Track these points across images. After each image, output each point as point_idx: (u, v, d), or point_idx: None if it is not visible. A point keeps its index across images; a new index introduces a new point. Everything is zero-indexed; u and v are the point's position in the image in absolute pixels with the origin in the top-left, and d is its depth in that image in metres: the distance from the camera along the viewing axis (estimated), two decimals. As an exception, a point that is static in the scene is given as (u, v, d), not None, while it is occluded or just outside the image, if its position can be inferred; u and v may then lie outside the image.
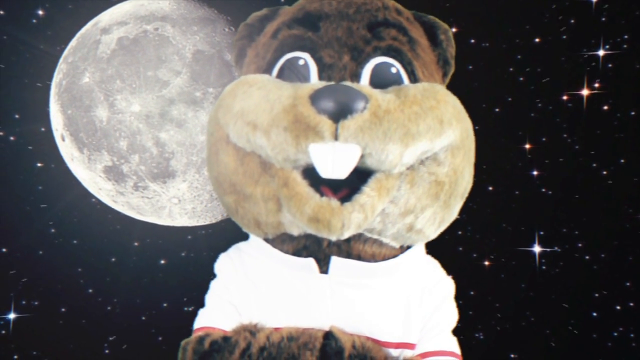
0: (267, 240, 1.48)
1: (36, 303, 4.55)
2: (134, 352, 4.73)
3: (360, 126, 1.23)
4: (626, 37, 4.40)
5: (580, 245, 4.64)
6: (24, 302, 4.49)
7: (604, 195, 4.58)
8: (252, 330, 1.33)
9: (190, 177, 3.89)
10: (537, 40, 4.57)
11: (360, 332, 1.35)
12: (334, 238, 1.30)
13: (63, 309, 4.63)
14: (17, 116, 4.31)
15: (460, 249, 4.74)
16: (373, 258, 1.43)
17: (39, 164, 4.41)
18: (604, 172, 4.57)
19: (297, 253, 1.43)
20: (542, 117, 4.61)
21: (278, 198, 1.34)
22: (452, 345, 1.49)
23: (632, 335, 4.56)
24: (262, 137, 1.29)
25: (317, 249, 1.41)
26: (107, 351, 4.68)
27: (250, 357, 1.27)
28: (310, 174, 1.30)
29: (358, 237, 1.40)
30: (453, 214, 1.48)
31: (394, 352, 1.40)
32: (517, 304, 4.78)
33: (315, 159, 1.26)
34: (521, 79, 4.63)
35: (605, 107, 4.49)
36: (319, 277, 1.39)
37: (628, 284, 4.55)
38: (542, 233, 4.59)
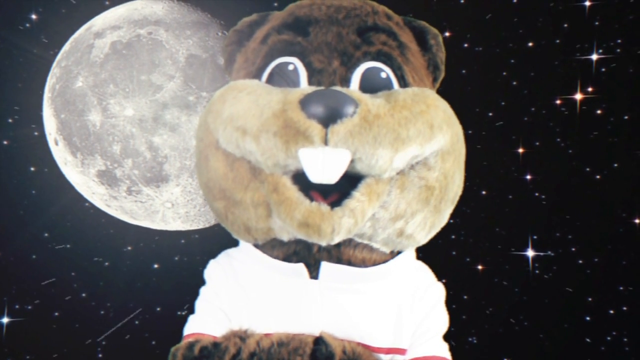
0: (257, 246, 1.48)
1: (29, 307, 4.56)
2: (127, 357, 4.73)
3: (350, 131, 1.23)
4: (619, 41, 4.41)
5: (573, 249, 4.65)
6: (17, 306, 4.51)
7: (598, 199, 4.59)
8: (242, 336, 1.32)
9: (183, 181, 3.89)
10: (530, 44, 4.58)
11: (350, 338, 1.36)
12: (324, 243, 1.30)
13: (56, 313, 4.64)
14: (10, 120, 4.32)
15: (454, 253, 4.75)
16: (363, 263, 1.43)
17: (32, 168, 4.42)
18: (598, 177, 4.58)
19: (287, 259, 1.42)
20: (536, 121, 4.62)
21: (268, 203, 1.34)
22: (443, 350, 1.48)
23: (625, 339, 4.57)
24: (252, 143, 1.29)
25: (307, 255, 1.41)
26: (100, 355, 4.67)
27: None
28: (300, 179, 1.30)
29: (348, 242, 1.40)
30: (443, 219, 1.48)
31: (384, 357, 1.40)
32: (510, 308, 4.79)
33: (305, 164, 1.26)
34: (514, 83, 4.64)
35: (599, 111, 4.50)
36: (309, 282, 1.39)
37: (621, 288, 4.56)
38: (535, 237, 4.60)
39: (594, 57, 4.40)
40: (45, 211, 4.50)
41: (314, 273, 1.40)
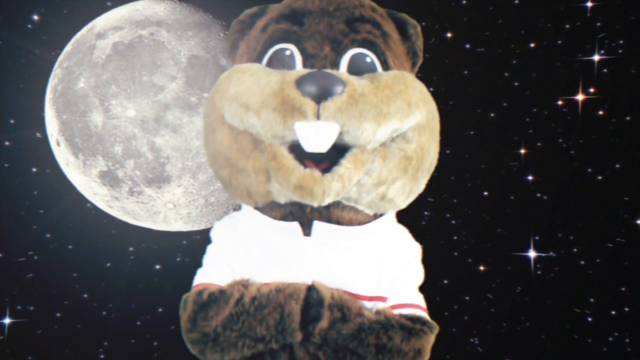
0: (257, 208, 1.71)
1: (31, 308, 4.63)
2: (129, 357, 4.75)
3: (339, 107, 1.46)
4: (621, 42, 4.49)
5: (575, 250, 4.71)
6: (19, 307, 4.57)
7: (599, 200, 4.65)
8: (244, 284, 1.56)
9: (185, 182, 3.93)
10: (532, 45, 4.64)
11: (338, 287, 1.58)
12: (315, 204, 1.53)
13: (58, 314, 4.70)
14: (12, 121, 4.39)
15: (456, 254, 4.82)
16: (350, 223, 1.65)
17: (34, 169, 4.49)
18: (599, 177, 4.63)
19: (283, 218, 1.65)
20: (537, 122, 4.67)
21: (267, 170, 1.56)
22: (418, 299, 1.72)
23: (627, 340, 4.59)
24: (254, 117, 1.51)
25: (301, 215, 1.64)
26: (102, 356, 4.72)
27: (243, 306, 1.49)
28: (295, 149, 1.53)
29: (337, 204, 1.62)
30: (420, 186, 1.71)
31: (367, 304, 1.62)
32: (512, 309, 4.83)
33: (300, 136, 1.48)
34: (516, 84, 4.68)
35: (601, 112, 4.56)
36: (302, 239, 1.62)
37: (623, 288, 4.59)
38: (537, 238, 4.66)
39: (596, 58, 4.47)
40: (47, 212, 4.56)
41: (307, 231, 1.62)
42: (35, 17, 4.35)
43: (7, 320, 4.44)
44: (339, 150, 1.51)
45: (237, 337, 1.48)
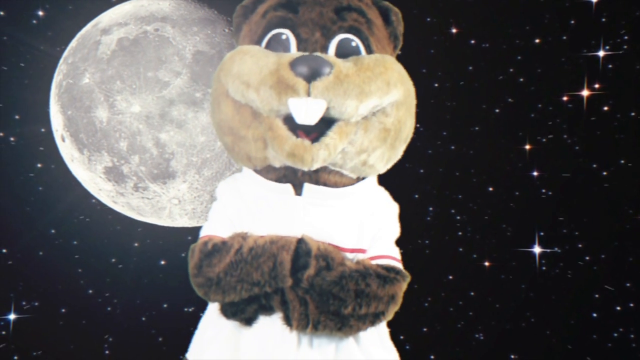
0: (256, 171, 1.96)
1: (36, 304, 4.72)
2: (134, 353, 4.78)
3: (326, 86, 1.69)
4: (626, 37, 4.57)
5: (580, 246, 4.78)
6: (24, 303, 4.66)
7: (604, 196, 4.72)
8: (243, 237, 1.80)
9: (190, 178, 3.98)
10: (537, 40, 4.72)
11: (324, 240, 1.82)
12: (305, 169, 1.78)
13: (63, 310, 4.78)
14: (17, 117, 4.48)
15: (461, 249, 4.87)
16: (335, 185, 1.90)
17: (39, 165, 4.58)
18: (604, 173, 4.71)
19: (278, 180, 1.90)
20: (542, 117, 4.73)
21: (265, 139, 1.80)
22: (394, 251, 1.97)
23: (632, 336, 4.63)
24: (254, 93, 1.75)
25: (294, 177, 1.88)
26: (107, 352, 4.77)
27: (241, 255, 1.73)
28: (289, 121, 1.75)
29: (324, 169, 1.86)
30: (398, 154, 1.96)
31: (349, 255, 1.87)
32: (517, 305, 4.89)
33: (292, 110, 1.70)
34: (521, 79, 4.75)
35: (606, 108, 4.63)
36: (294, 198, 1.87)
37: (628, 284, 4.63)
38: (542, 234, 4.74)
39: (601, 53, 4.53)
40: (52, 208, 4.63)
41: (298, 191, 1.87)
42: (40, 13, 4.44)
43: (12, 316, 4.53)
44: (326, 123, 1.74)
45: (236, 281, 1.73)
